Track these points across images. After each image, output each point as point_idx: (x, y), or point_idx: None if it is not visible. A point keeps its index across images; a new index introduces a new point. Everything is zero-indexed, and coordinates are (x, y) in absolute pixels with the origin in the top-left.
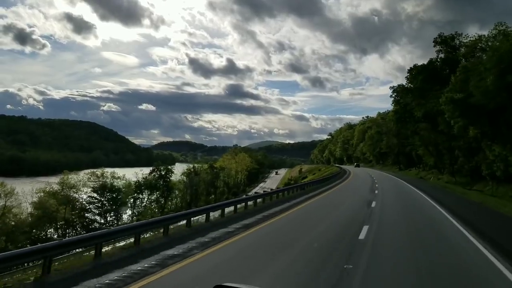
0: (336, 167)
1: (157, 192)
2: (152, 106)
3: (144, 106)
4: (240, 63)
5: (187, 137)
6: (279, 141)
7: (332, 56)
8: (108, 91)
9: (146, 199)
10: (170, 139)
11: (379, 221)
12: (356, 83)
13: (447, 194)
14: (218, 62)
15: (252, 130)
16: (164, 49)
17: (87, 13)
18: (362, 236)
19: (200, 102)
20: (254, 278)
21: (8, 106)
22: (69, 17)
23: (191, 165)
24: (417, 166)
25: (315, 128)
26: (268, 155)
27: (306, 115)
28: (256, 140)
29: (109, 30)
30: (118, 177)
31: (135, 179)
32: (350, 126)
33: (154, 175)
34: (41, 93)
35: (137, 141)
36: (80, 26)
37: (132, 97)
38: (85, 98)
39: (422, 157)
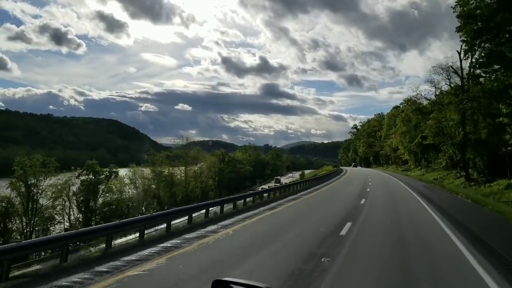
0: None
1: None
2: (188, 106)
3: (180, 106)
4: (273, 62)
5: (224, 137)
6: (317, 141)
7: (369, 54)
8: (146, 92)
9: None
10: (207, 139)
11: None
12: (396, 82)
13: None
14: (251, 60)
15: (289, 131)
16: (198, 49)
17: (117, 11)
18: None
19: (236, 102)
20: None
21: (51, 106)
22: (100, 16)
23: None
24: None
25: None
26: (293, 155)
27: (344, 115)
28: (292, 140)
29: (140, 28)
30: None
31: None
32: (380, 116)
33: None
34: (82, 94)
35: (176, 141)
36: (112, 24)
37: (169, 97)
38: (124, 98)
39: None
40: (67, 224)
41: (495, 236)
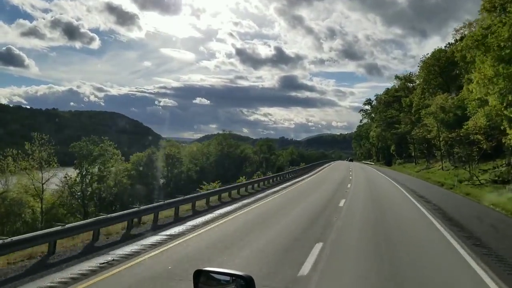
0: None
1: None
2: (206, 100)
3: (198, 100)
4: (289, 52)
5: (245, 131)
6: (337, 133)
7: (389, 41)
8: (164, 87)
9: None
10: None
11: None
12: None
13: None
14: (267, 51)
15: (310, 123)
16: (214, 43)
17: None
18: None
19: (254, 95)
20: None
21: (72, 103)
22: (110, 8)
23: None
24: None
25: None
26: (306, 148)
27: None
28: (313, 133)
29: (152, 21)
30: None
31: None
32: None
33: None
34: (102, 90)
35: (196, 135)
36: (123, 16)
37: (188, 92)
38: (144, 94)
39: None
40: None
41: None
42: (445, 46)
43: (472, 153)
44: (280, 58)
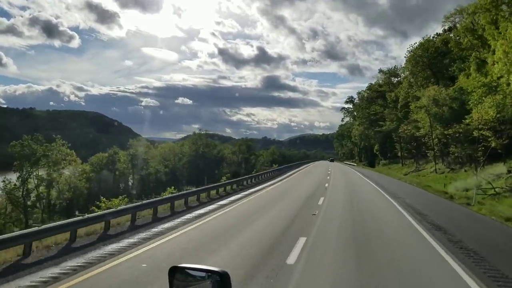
0: None
1: None
2: (189, 100)
3: (180, 100)
4: (272, 52)
5: (228, 131)
6: (320, 133)
7: (370, 42)
8: (146, 87)
9: None
10: (210, 133)
11: None
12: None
13: None
14: (250, 51)
15: (292, 123)
16: (196, 43)
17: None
18: None
19: (237, 95)
20: None
21: (51, 102)
22: (90, 6)
23: None
24: None
25: None
26: (289, 148)
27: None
28: (296, 133)
29: (132, 19)
30: None
31: None
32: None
33: None
34: (83, 89)
35: (179, 135)
36: (103, 15)
37: (170, 92)
38: (125, 94)
39: None
40: None
41: None
42: (433, 37)
43: (477, 152)
44: (262, 58)
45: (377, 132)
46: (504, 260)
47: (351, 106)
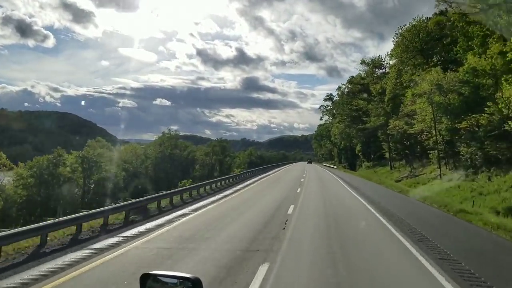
0: None
1: None
2: (167, 101)
3: (158, 101)
4: (251, 53)
5: (207, 132)
6: (299, 135)
7: (348, 44)
8: (124, 88)
9: None
10: (189, 134)
11: None
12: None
13: None
14: (228, 52)
15: (272, 125)
16: (174, 43)
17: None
18: None
19: (216, 96)
20: None
21: (26, 104)
22: (64, 5)
23: None
24: None
25: None
26: (267, 150)
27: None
28: (276, 134)
29: (109, 19)
30: None
31: None
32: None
33: None
34: (59, 90)
35: (157, 137)
36: (78, 14)
37: (147, 93)
38: (102, 94)
39: None
40: None
41: None
42: (424, 20)
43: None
44: (241, 59)
45: (359, 130)
46: None
47: (330, 104)
